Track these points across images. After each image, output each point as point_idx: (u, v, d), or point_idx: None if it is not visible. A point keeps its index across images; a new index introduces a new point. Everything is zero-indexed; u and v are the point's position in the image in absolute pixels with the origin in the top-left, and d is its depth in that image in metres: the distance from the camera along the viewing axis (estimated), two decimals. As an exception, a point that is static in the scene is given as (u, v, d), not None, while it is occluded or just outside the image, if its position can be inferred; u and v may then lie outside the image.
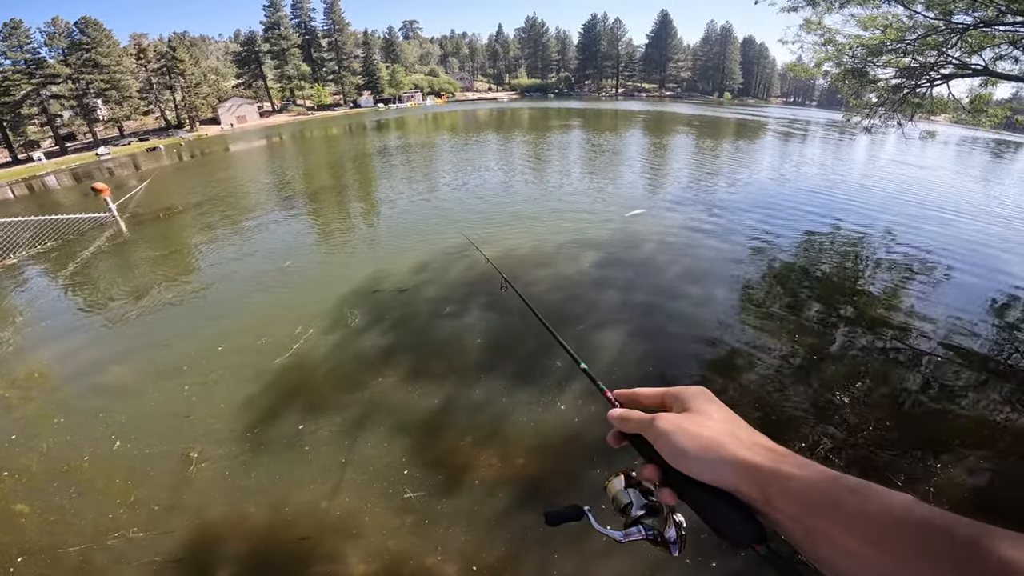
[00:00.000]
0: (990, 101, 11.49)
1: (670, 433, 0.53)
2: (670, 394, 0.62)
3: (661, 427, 0.54)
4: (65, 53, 55.19)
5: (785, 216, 11.79)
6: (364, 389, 5.23)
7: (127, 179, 25.11)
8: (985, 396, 5.15)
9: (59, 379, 5.82)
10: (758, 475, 0.46)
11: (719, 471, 0.48)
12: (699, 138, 31.20)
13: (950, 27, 9.41)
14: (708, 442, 0.50)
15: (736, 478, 0.47)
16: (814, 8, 10.83)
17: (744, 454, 0.48)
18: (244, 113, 70.51)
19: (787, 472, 0.44)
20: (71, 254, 10.71)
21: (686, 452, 0.51)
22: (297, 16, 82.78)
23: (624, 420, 0.62)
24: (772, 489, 0.44)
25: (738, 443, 0.50)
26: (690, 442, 0.51)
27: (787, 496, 0.43)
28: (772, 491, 0.44)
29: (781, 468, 0.45)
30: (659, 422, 0.55)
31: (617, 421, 0.63)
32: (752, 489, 0.46)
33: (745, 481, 0.46)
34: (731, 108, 79.74)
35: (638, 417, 0.60)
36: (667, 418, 0.55)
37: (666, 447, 0.53)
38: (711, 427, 0.52)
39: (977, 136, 52.13)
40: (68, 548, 3.55)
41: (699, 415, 0.55)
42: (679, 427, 0.53)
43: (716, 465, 0.49)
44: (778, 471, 0.45)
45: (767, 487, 0.45)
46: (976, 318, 6.87)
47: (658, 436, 0.54)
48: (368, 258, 9.24)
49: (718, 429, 0.52)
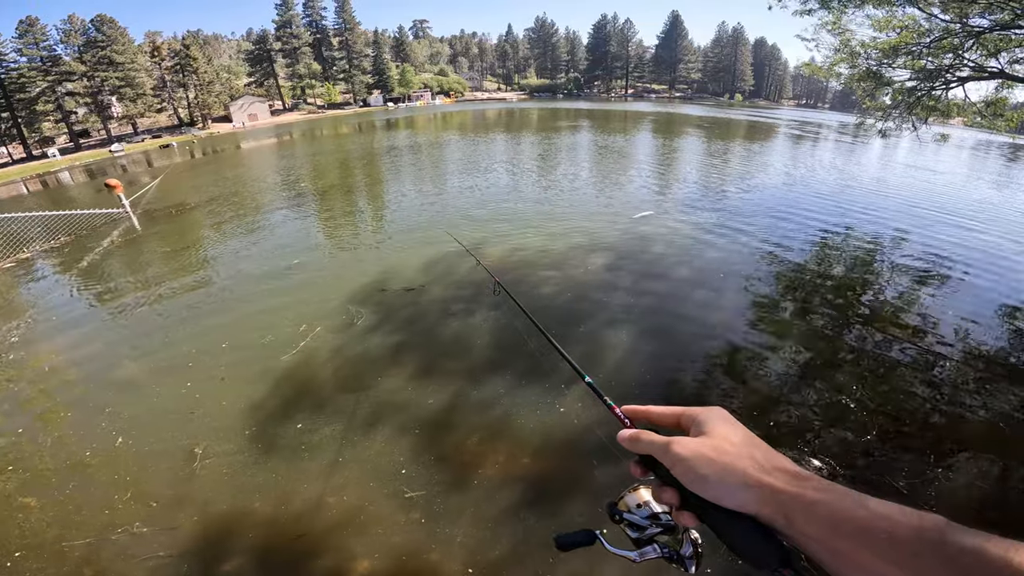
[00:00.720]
0: (1007, 105, 11.30)
1: (688, 459, 0.52)
2: (687, 415, 0.60)
3: (678, 453, 0.53)
4: (80, 51, 55.86)
5: (796, 219, 11.68)
6: (369, 388, 5.24)
7: (140, 176, 25.38)
8: (995, 401, 5.07)
9: (68, 373, 5.87)
10: (780, 499, 0.45)
11: (741, 496, 0.48)
12: (709, 140, 31.02)
13: (966, 30, 9.27)
14: (728, 468, 0.49)
15: (758, 503, 0.46)
16: (828, 10, 10.72)
17: (765, 479, 0.47)
18: (255, 111, 71.04)
19: (810, 496, 0.44)
20: (84, 249, 10.83)
21: (705, 479, 0.50)
22: (309, 15, 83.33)
23: (635, 441, 0.59)
24: (795, 513, 0.44)
25: (758, 467, 0.49)
26: (709, 468, 0.50)
27: (811, 519, 0.43)
28: (795, 515, 0.44)
29: (803, 492, 0.44)
30: (675, 448, 0.53)
31: (628, 442, 0.61)
32: (775, 513, 0.45)
33: (768, 505, 0.46)
34: (742, 110, 79.18)
35: (650, 439, 0.58)
36: (683, 443, 0.54)
37: (685, 473, 0.52)
38: (730, 452, 0.51)
39: (992, 140, 51.41)
40: (73, 541, 3.58)
41: (716, 439, 0.53)
42: (697, 453, 0.52)
43: (737, 491, 0.48)
44: (800, 495, 0.44)
45: (790, 511, 0.44)
46: (988, 323, 6.76)
47: (675, 462, 0.53)
48: (375, 257, 9.26)
49: (737, 453, 0.51)
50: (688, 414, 0.59)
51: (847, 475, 4.10)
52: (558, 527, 3.60)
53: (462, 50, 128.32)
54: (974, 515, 3.80)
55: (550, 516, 3.70)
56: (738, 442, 0.53)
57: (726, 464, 0.50)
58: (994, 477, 4.14)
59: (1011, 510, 3.87)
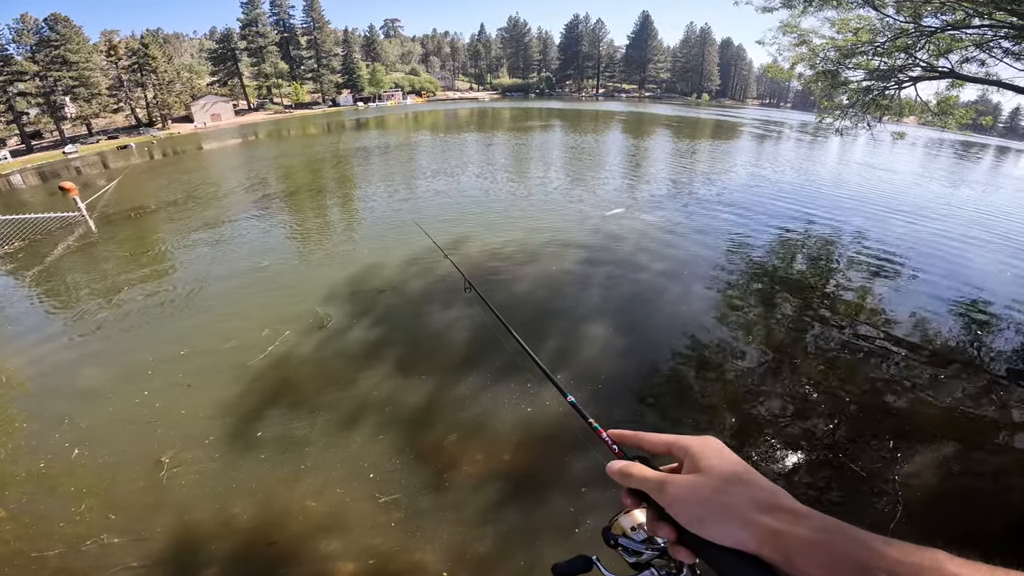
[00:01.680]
0: (956, 103, 11.85)
1: (684, 501, 0.51)
2: (679, 445, 0.58)
3: (674, 495, 0.52)
4: (33, 50, 53.39)
5: (760, 215, 12.01)
6: (342, 390, 5.17)
7: (96, 178, 24.38)
8: (949, 391, 5.31)
9: (26, 383, 5.61)
10: (780, 540, 0.45)
11: (740, 536, 0.47)
12: (677, 139, 31.61)
13: (919, 30, 9.69)
14: (726, 508, 0.49)
15: (758, 543, 0.46)
16: (790, 9, 11.05)
17: (765, 520, 0.47)
18: (219, 111, 69.02)
19: (809, 536, 0.44)
20: (39, 254, 10.35)
21: (702, 520, 0.49)
22: (276, 13, 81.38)
23: (626, 476, 0.58)
24: (795, 554, 0.44)
25: (757, 506, 0.48)
26: (706, 509, 0.50)
27: (811, 560, 0.42)
28: (795, 555, 0.44)
29: (803, 532, 0.44)
30: (671, 489, 0.53)
31: (619, 477, 0.59)
32: (775, 553, 0.45)
33: (767, 545, 0.45)
34: (709, 109, 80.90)
35: (643, 475, 0.57)
36: (678, 484, 0.53)
37: (680, 514, 0.51)
38: (729, 492, 0.50)
39: (944, 137, 53.83)
40: (43, 553, 3.43)
41: (712, 476, 0.52)
42: (694, 494, 0.51)
43: (736, 531, 0.47)
44: (800, 535, 0.44)
45: (790, 551, 0.44)
46: (941, 315, 7.09)
47: (671, 503, 0.52)
48: (346, 259, 9.11)
49: (736, 493, 0.50)
50: (680, 444, 0.58)
51: (813, 462, 4.24)
52: (538, 523, 3.62)
53: (434, 49, 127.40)
54: (930, 496, 3.99)
55: (530, 513, 3.71)
56: (735, 479, 0.51)
57: (724, 504, 0.49)
58: (948, 460, 4.34)
59: (964, 491, 4.06)
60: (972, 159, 33.16)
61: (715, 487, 0.51)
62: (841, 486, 4.02)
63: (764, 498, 0.49)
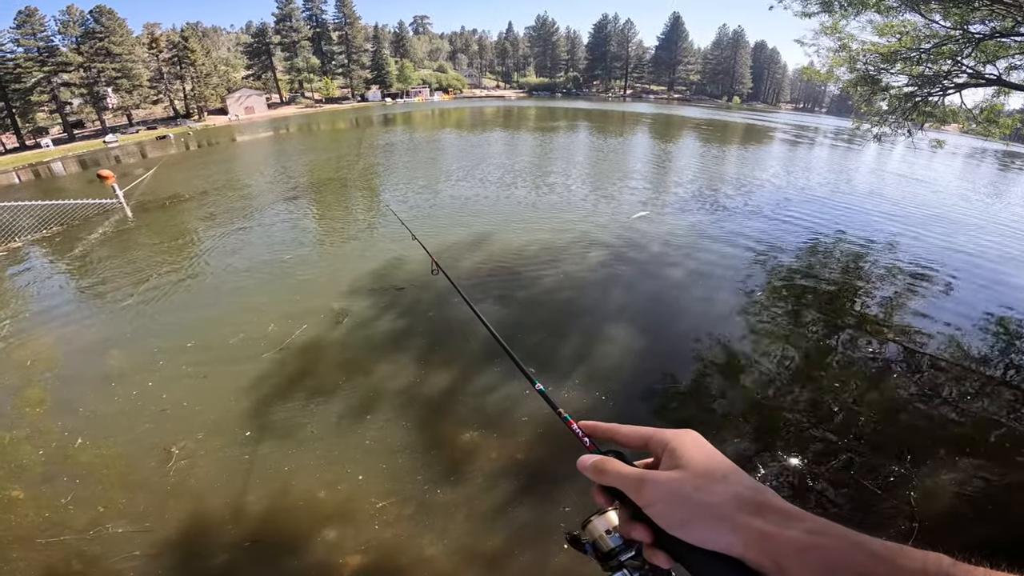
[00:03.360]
0: (1002, 111, 11.36)
1: (664, 502, 0.47)
2: (656, 439, 0.54)
3: (653, 494, 0.48)
4: (78, 41, 55.40)
5: (789, 222, 11.71)
6: (357, 384, 5.21)
7: (133, 167, 25.17)
8: (978, 405, 5.09)
9: (53, 364, 5.80)
10: (769, 545, 0.41)
11: (726, 540, 0.43)
12: (707, 142, 31.07)
13: (966, 36, 9.30)
14: (711, 510, 0.45)
15: (745, 547, 0.42)
16: (829, 14, 10.73)
17: (753, 522, 0.43)
18: (252, 104, 70.61)
19: (803, 540, 0.40)
20: (75, 239, 10.72)
21: (684, 522, 0.45)
22: (309, 9, 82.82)
23: (601, 473, 0.54)
24: (787, 559, 0.40)
25: (744, 507, 0.44)
26: (690, 512, 0.45)
27: (805, 566, 0.39)
28: (787, 561, 0.40)
29: (795, 535, 0.41)
30: (650, 488, 0.48)
31: (592, 473, 0.55)
32: (763, 558, 0.41)
33: (754, 550, 0.42)
34: (740, 113, 79.40)
35: (618, 472, 0.52)
36: (657, 482, 0.48)
37: (662, 516, 0.47)
38: (713, 491, 0.46)
39: (987, 147, 51.77)
40: (48, 539, 3.53)
41: (693, 473, 0.48)
42: (675, 494, 0.47)
43: (722, 535, 0.43)
44: (792, 539, 0.40)
45: (780, 557, 0.40)
46: (974, 329, 6.80)
47: (650, 502, 0.48)
48: (367, 255, 9.17)
49: (720, 492, 0.46)
50: (657, 438, 0.54)
51: (827, 476, 4.11)
52: (549, 520, 3.59)
53: (462, 47, 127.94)
54: (947, 514, 3.82)
55: (541, 510, 3.68)
56: (718, 476, 0.47)
57: (708, 504, 0.45)
58: (968, 478, 4.15)
59: (983, 510, 3.88)
60: (1016, 170, 31.80)
61: (697, 485, 0.47)
62: (855, 502, 3.88)
63: (751, 497, 0.45)
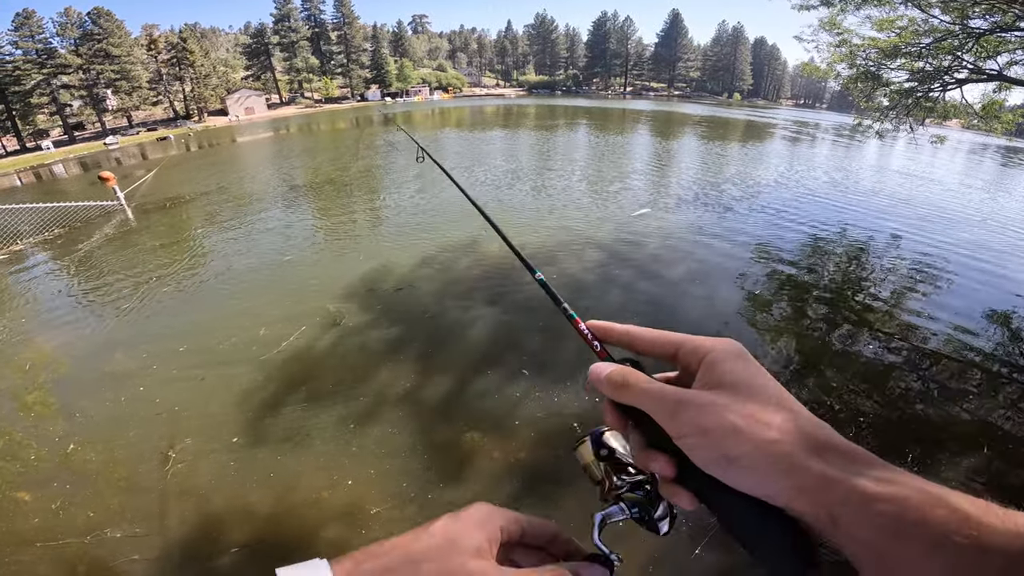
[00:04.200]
0: (1003, 107, 11.34)
1: (707, 433, 0.37)
2: (689, 348, 0.43)
3: (694, 422, 0.38)
4: (77, 43, 55.51)
5: (790, 219, 11.68)
6: (357, 384, 5.20)
7: (134, 168, 25.21)
8: (983, 402, 5.09)
9: (57, 367, 5.82)
10: (829, 494, 0.33)
11: (776, 486, 0.35)
12: (707, 140, 31.03)
13: (966, 31, 9.28)
14: (768, 449, 0.35)
15: (795, 493, 0.34)
16: (829, 8, 10.71)
17: (814, 466, 0.34)
18: (252, 105, 70.73)
19: (872, 490, 0.32)
20: (77, 241, 10.74)
21: (730, 461, 0.36)
22: (307, 9, 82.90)
23: (622, 388, 0.43)
24: (847, 509, 0.32)
25: (807, 446, 0.35)
26: (741, 447, 0.36)
27: (868, 520, 0.31)
28: (846, 511, 0.32)
29: (863, 485, 0.33)
30: (690, 414, 0.38)
31: (608, 387, 0.43)
32: (816, 508, 0.34)
33: (807, 498, 0.34)
34: (740, 109, 79.28)
35: (645, 390, 0.41)
36: (702, 407, 0.38)
37: (700, 449, 0.38)
38: (771, 422, 0.37)
39: (988, 142, 51.67)
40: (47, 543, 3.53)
41: (746, 397, 0.38)
42: (723, 423, 0.37)
43: (775, 478, 0.35)
44: (859, 488, 0.33)
45: (839, 507, 0.33)
46: (978, 325, 6.79)
47: (687, 433, 0.38)
48: (367, 256, 9.16)
49: (780, 426, 0.36)
50: (691, 346, 0.43)
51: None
52: (555, 520, 3.58)
53: (461, 46, 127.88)
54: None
55: (542, 508, 3.68)
56: (773, 402, 0.38)
57: (764, 441, 0.36)
58: (974, 473, 4.15)
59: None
60: (1017, 165, 31.73)
61: (750, 414, 0.37)
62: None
63: (813, 433, 0.37)
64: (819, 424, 0.37)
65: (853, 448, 0.36)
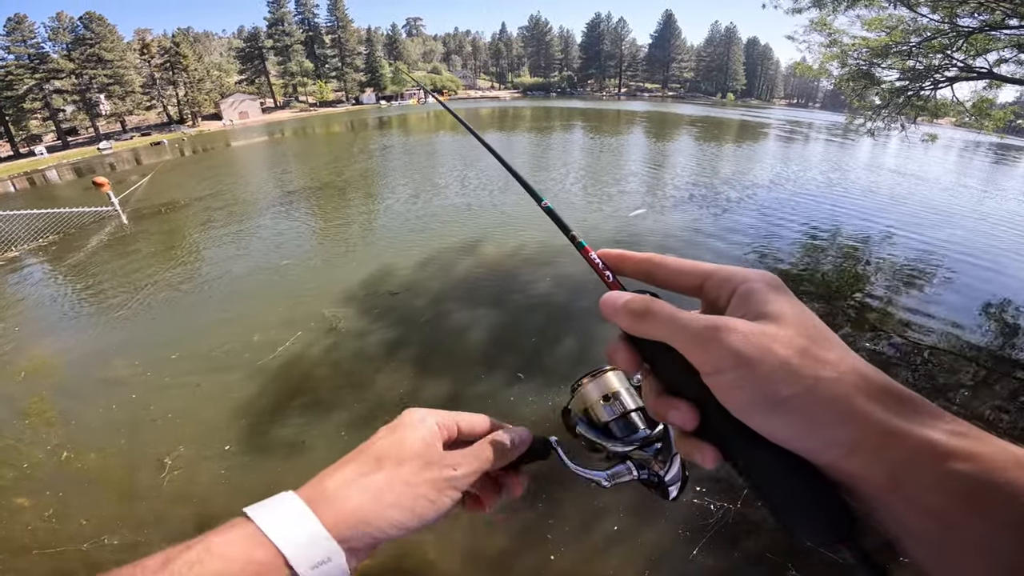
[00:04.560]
0: (993, 104, 11.43)
1: (748, 366, 0.29)
2: (720, 278, 0.36)
3: (733, 354, 0.30)
4: (69, 48, 55.25)
5: (785, 218, 11.76)
6: (354, 390, 5.20)
7: (129, 174, 25.10)
8: (976, 397, 5.14)
9: (51, 374, 5.80)
10: (895, 449, 0.26)
11: (830, 437, 0.28)
12: (702, 140, 31.16)
13: (955, 30, 9.36)
14: (828, 389, 0.28)
15: (849, 448, 0.27)
16: (820, 9, 10.79)
17: (878, 415, 0.27)
18: (246, 109, 70.53)
19: (946, 446, 0.25)
20: (72, 248, 10.70)
21: (781, 404, 0.29)
22: (301, 12, 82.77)
23: (644, 316, 0.35)
24: (914, 469, 0.26)
25: (868, 391, 0.28)
26: (794, 386, 0.28)
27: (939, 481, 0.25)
28: (912, 471, 0.26)
29: (935, 438, 0.26)
30: (729, 343, 0.30)
31: (626, 316, 0.36)
32: (873, 466, 0.27)
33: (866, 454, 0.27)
34: (734, 109, 79.61)
35: (671, 315, 0.34)
36: (745, 334, 0.30)
37: (738, 389, 0.30)
38: (825, 358, 0.29)
39: (980, 140, 52.05)
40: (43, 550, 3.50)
41: (795, 331, 0.30)
42: (772, 354, 0.29)
43: (830, 427, 0.28)
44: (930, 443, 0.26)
45: (904, 465, 0.26)
46: (971, 322, 6.86)
47: (723, 368, 0.30)
48: (363, 259, 9.15)
49: (836, 362, 0.29)
50: (722, 275, 0.36)
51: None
52: (550, 521, 3.60)
53: (455, 48, 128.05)
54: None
55: (544, 515, 3.70)
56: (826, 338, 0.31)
57: (823, 380, 0.28)
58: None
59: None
60: (1009, 163, 31.98)
61: (804, 348, 0.30)
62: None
63: (871, 375, 0.30)
64: (875, 368, 0.30)
65: (915, 396, 0.29)
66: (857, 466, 0.28)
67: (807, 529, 0.31)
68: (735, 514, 3.50)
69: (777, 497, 0.32)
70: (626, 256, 0.41)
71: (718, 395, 0.31)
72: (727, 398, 0.31)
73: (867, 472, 0.27)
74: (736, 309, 0.34)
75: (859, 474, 0.28)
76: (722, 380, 0.31)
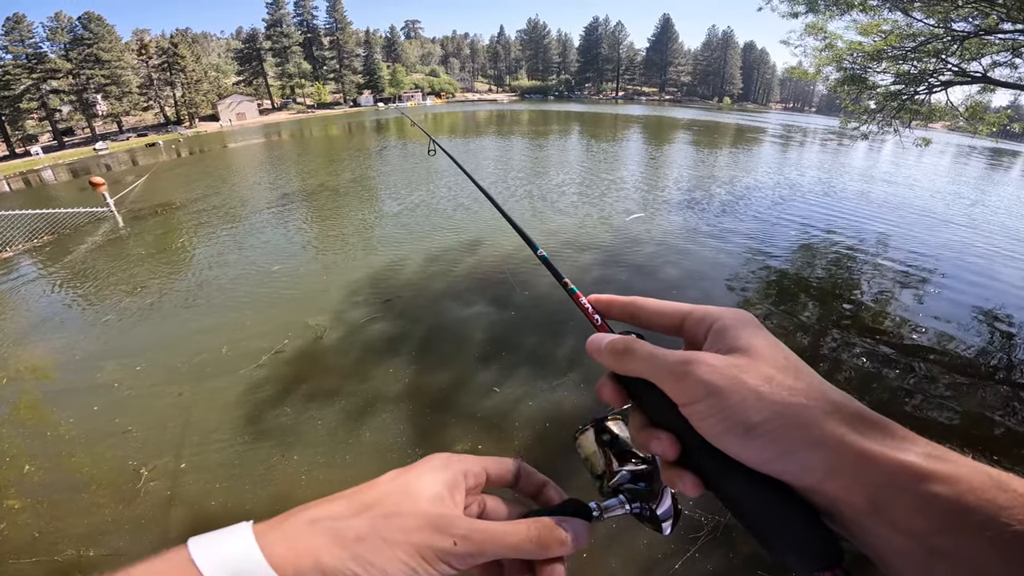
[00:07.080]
0: (987, 108, 11.52)
1: (720, 396, 0.32)
2: (697, 317, 0.38)
3: (703, 385, 0.32)
4: (67, 48, 55.18)
5: (780, 222, 11.80)
6: (344, 397, 5.14)
7: (125, 174, 25.02)
8: (969, 402, 5.15)
9: (43, 375, 5.76)
10: (873, 472, 0.27)
11: (806, 460, 0.29)
12: (699, 144, 31.27)
13: (949, 34, 9.44)
14: (792, 413, 0.30)
15: (827, 472, 0.29)
16: (816, 14, 10.86)
17: (849, 437, 0.29)
18: (244, 110, 70.51)
19: (924, 469, 0.27)
20: (66, 249, 10.63)
21: (752, 429, 0.30)
22: (299, 14, 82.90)
23: (624, 355, 0.38)
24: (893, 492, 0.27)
25: (839, 416, 0.30)
26: (759, 413, 0.30)
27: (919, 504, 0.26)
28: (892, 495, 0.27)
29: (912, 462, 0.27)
30: (699, 375, 0.33)
31: (609, 356, 0.39)
32: (852, 490, 0.28)
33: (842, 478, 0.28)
34: (731, 113, 79.94)
35: (651, 354, 0.36)
36: (713, 367, 0.33)
37: (712, 417, 0.32)
38: (794, 387, 0.31)
39: (974, 144, 52.41)
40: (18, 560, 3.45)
41: (763, 362, 0.33)
42: (740, 383, 0.32)
43: (804, 451, 0.29)
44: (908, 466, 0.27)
45: (884, 489, 0.27)
46: (964, 326, 6.88)
47: (697, 397, 0.33)
48: (357, 266, 9.02)
49: (805, 390, 0.31)
50: (699, 315, 0.38)
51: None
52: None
53: (453, 51, 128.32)
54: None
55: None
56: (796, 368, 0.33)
57: (787, 405, 0.30)
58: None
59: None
60: (1003, 167, 32.19)
61: (771, 376, 0.32)
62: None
63: (842, 401, 0.31)
64: (846, 395, 0.32)
65: (887, 421, 0.30)
66: (836, 489, 0.28)
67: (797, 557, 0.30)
68: (723, 527, 3.49)
69: (763, 524, 0.32)
70: (613, 300, 0.45)
71: (695, 424, 0.33)
72: (703, 427, 0.33)
73: (846, 495, 0.28)
74: (711, 345, 0.36)
75: (839, 497, 0.28)
76: (697, 410, 0.33)
